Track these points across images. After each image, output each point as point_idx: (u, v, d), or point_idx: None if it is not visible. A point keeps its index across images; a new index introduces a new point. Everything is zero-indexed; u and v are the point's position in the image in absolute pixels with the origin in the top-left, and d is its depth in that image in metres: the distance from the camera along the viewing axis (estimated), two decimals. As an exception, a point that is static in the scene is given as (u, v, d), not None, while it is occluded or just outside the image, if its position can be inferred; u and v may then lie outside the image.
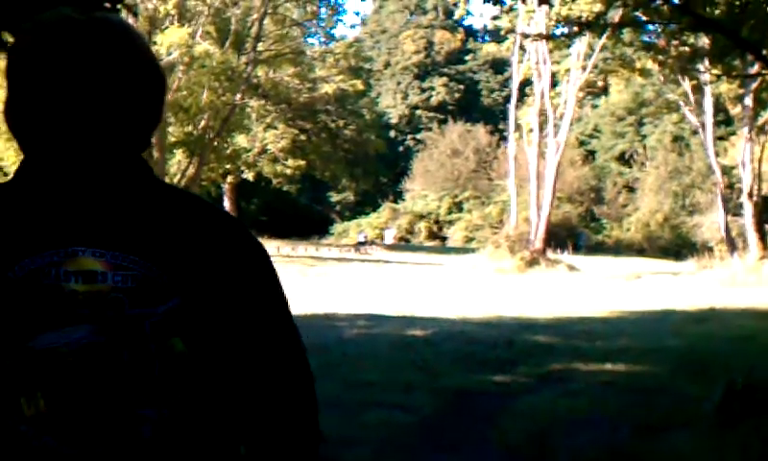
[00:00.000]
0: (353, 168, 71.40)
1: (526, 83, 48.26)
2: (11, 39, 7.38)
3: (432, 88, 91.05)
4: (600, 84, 55.01)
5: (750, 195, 41.57)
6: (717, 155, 45.77)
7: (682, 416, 10.07)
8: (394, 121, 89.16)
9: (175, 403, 1.75)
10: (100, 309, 1.70)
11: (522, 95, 50.98)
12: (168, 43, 39.56)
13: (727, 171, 49.19)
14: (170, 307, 1.74)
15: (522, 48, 46.91)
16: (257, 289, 1.87)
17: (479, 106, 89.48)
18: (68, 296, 1.69)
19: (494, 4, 21.09)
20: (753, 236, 41.04)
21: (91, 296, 1.70)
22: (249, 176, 59.79)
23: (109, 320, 1.71)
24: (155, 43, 38.22)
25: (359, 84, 62.60)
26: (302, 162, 62.66)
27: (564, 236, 53.49)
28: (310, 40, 66.19)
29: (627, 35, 37.59)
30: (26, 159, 1.88)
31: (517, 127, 49.08)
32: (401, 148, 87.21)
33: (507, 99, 60.90)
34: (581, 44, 42.26)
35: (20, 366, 1.68)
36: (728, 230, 43.67)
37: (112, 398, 1.69)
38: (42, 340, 1.68)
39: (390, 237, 68.88)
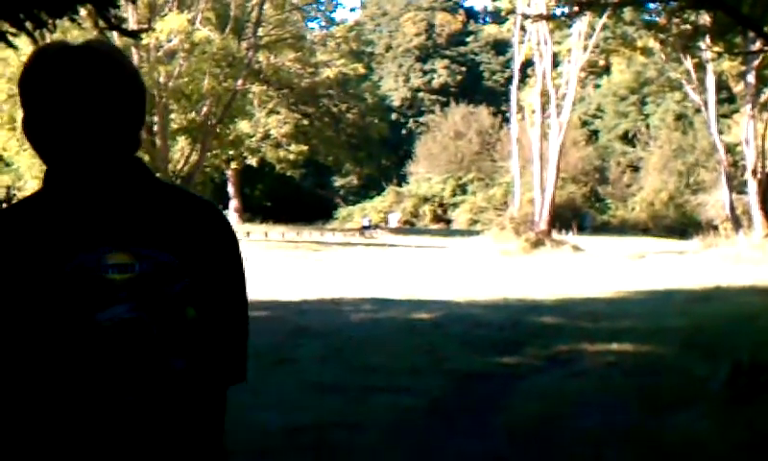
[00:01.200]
0: (356, 152, 71.37)
1: (528, 63, 48.17)
2: (11, 30, 7.36)
3: (434, 71, 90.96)
4: (602, 63, 54.96)
5: (754, 172, 41.52)
6: (721, 132, 45.71)
7: (688, 395, 10.06)
8: (396, 104, 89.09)
9: (190, 354, 2.33)
10: (133, 292, 2.24)
11: (524, 76, 50.94)
12: (168, 30, 39.52)
13: (730, 149, 49.17)
14: (183, 285, 2.30)
15: (523, 29, 46.82)
16: (227, 262, 2.43)
17: (481, 87, 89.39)
18: (109, 283, 2.23)
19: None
20: (757, 214, 41.00)
21: (125, 282, 2.24)
22: (252, 162, 59.75)
23: (141, 299, 2.25)
24: (154, 30, 38.15)
25: (360, 68, 62.54)
26: (305, 147, 62.64)
27: (568, 217, 53.47)
28: (310, 25, 66.24)
29: (628, 13, 37.55)
30: (49, 171, 2.35)
31: (520, 108, 49.02)
32: (404, 131, 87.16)
33: (509, 80, 60.82)
34: (582, 24, 42.17)
35: (85, 337, 2.23)
36: (732, 207, 43.62)
37: (149, 353, 2.26)
38: (99, 316, 2.23)
39: (394, 221, 68.88)
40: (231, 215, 57.70)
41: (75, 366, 2.23)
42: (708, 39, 37.87)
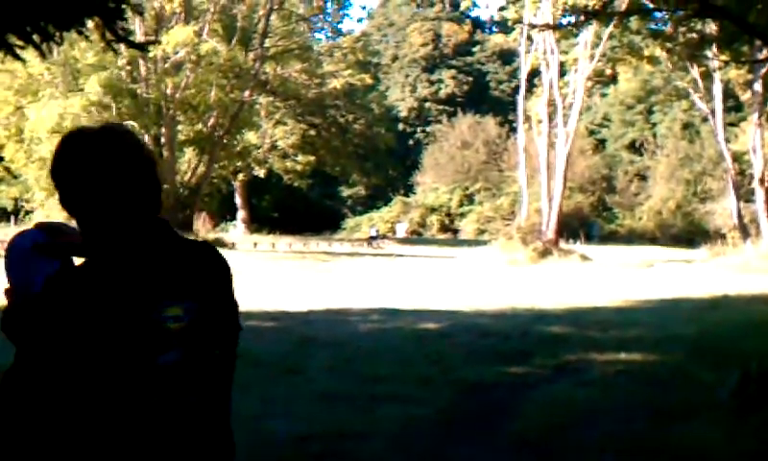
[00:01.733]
0: (364, 162, 71.39)
1: (534, 73, 48.17)
2: (18, 42, 7.38)
3: (441, 81, 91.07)
4: (608, 72, 54.85)
5: (761, 181, 41.48)
6: (728, 141, 45.71)
7: (697, 404, 10.05)
8: (403, 115, 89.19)
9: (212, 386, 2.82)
10: (182, 339, 2.69)
11: (531, 86, 50.94)
12: (174, 42, 39.61)
13: (738, 157, 49.15)
14: (207, 326, 2.76)
15: (530, 38, 46.84)
16: (224, 293, 2.90)
17: (488, 97, 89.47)
18: (167, 332, 2.66)
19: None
20: (765, 222, 40.96)
21: (178, 331, 2.68)
22: (259, 172, 59.85)
23: (188, 344, 2.70)
24: (161, 42, 38.26)
25: (367, 79, 62.60)
26: (312, 158, 62.71)
27: (576, 226, 53.49)
28: (317, 35, 66.30)
29: (634, 22, 37.58)
30: (89, 237, 2.79)
31: (527, 118, 49.05)
32: (411, 141, 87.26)
33: (516, 90, 60.86)
34: (588, 33, 42.19)
35: (149, 376, 2.65)
36: (740, 216, 43.59)
37: (191, 387, 2.71)
38: (161, 359, 2.66)
39: (402, 231, 68.92)
40: (239, 226, 57.81)
41: (140, 397, 2.64)
42: (714, 48, 37.93)
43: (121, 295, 2.66)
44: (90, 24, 8.05)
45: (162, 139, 43.02)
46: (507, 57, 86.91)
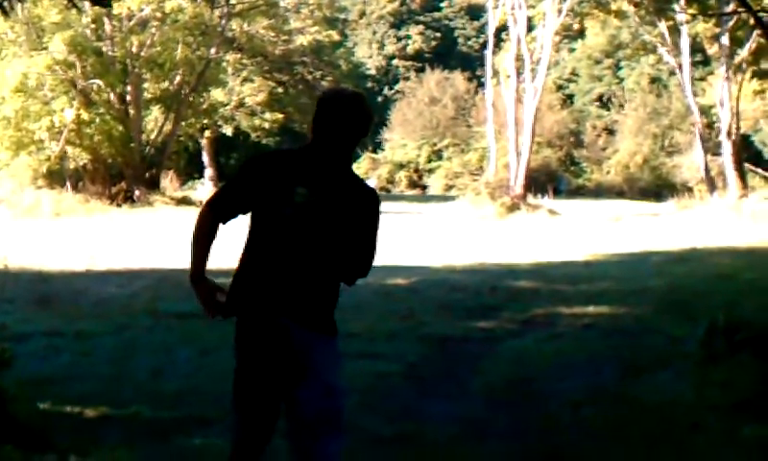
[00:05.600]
0: (332, 119, 70.93)
1: (502, 28, 48.00)
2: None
3: (408, 37, 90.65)
4: (576, 27, 54.66)
5: (728, 134, 41.59)
6: (695, 95, 45.71)
7: (665, 355, 10.13)
8: (371, 72, 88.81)
9: None
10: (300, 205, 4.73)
11: (499, 41, 50.80)
12: (139, 0, 39.20)
13: (705, 111, 49.21)
14: None
15: (498, -7, 46.64)
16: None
17: (456, 53, 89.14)
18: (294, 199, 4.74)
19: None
20: (732, 175, 41.12)
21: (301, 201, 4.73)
22: (227, 130, 59.45)
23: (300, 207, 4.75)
24: (125, -1, 37.92)
25: (335, 35, 62.25)
26: (280, 115, 62.29)
27: (544, 181, 53.51)
28: (284, -8, 65.75)
29: (602, -24, 37.49)
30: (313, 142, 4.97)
31: (495, 73, 48.92)
32: (380, 98, 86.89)
33: (484, 45, 60.67)
34: (556, -13, 42.11)
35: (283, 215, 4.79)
36: (707, 169, 43.72)
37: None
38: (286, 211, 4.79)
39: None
40: (207, 184, 57.52)
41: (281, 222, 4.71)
42: (682, 1, 38.05)
43: (287, 172, 4.78)
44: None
45: (128, 98, 42.64)
46: (475, 12, 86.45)
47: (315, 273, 4.70)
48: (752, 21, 26.76)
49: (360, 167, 74.89)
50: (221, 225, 4.85)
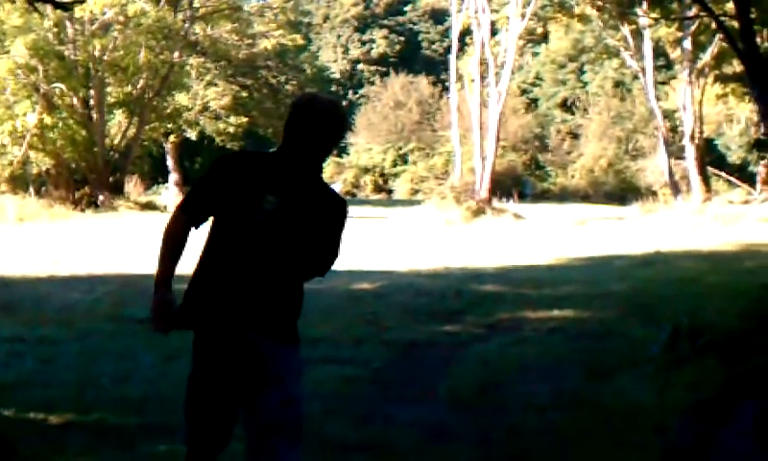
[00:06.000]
0: (296, 124, 70.76)
1: (466, 32, 48.08)
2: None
3: (372, 41, 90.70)
4: (540, 31, 54.94)
5: (692, 138, 41.87)
6: (658, 99, 46.02)
7: (629, 359, 10.15)
8: (335, 76, 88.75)
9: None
10: (270, 211, 4.67)
11: (463, 45, 50.88)
12: (102, 3, 39.00)
13: (668, 115, 49.55)
14: None
15: (461, -3, 46.73)
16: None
17: (420, 57, 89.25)
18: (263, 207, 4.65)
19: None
20: (696, 179, 41.40)
21: (271, 208, 4.70)
22: (191, 134, 59.22)
23: (271, 213, 4.66)
24: (85, 1, 37.67)
25: (299, 39, 62.11)
26: (245, 119, 62.11)
27: (509, 185, 53.68)
28: (247, -4, 65.58)
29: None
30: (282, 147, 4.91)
31: (459, 77, 48.98)
32: (344, 103, 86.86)
33: (448, 49, 60.72)
34: (519, -8, 42.23)
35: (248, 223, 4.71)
36: (671, 173, 43.98)
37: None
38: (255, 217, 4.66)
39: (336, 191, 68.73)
40: (171, 189, 57.24)
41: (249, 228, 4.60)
42: (644, 6, 38.22)
43: (257, 177, 4.65)
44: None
45: (91, 102, 42.42)
46: (438, 16, 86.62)
47: (282, 282, 4.65)
48: (714, 25, 26.97)
49: (325, 172, 74.59)
50: (193, 230, 4.72)
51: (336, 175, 73.06)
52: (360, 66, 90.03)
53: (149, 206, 40.66)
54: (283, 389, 4.59)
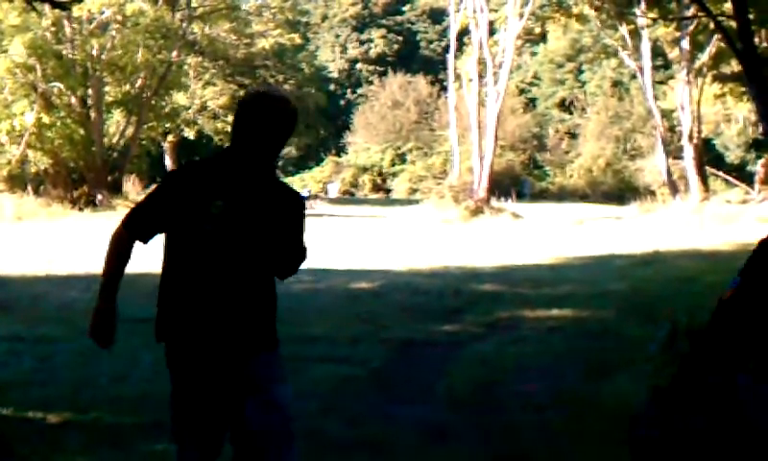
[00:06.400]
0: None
1: (464, 32, 48.07)
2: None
3: (371, 40, 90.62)
4: (538, 31, 54.90)
5: (690, 138, 41.87)
6: (656, 99, 46.01)
7: (628, 358, 10.13)
8: (333, 75, 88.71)
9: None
10: (219, 218, 4.49)
11: (461, 45, 50.86)
12: (99, 2, 39.00)
13: (666, 114, 49.51)
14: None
15: (459, -3, 46.73)
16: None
17: (418, 57, 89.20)
18: (211, 213, 4.52)
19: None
20: (694, 179, 41.39)
21: (218, 213, 4.55)
22: (189, 134, 59.27)
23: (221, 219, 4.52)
24: (84, 1, 37.67)
25: (297, 39, 62.17)
26: (243, 119, 62.25)
27: (507, 184, 53.67)
28: (246, -5, 65.61)
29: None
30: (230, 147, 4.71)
31: (457, 77, 49.00)
32: (342, 102, 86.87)
33: (446, 49, 60.72)
34: (518, -9, 42.24)
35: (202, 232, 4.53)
36: (669, 173, 43.99)
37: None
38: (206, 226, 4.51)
39: (334, 191, 68.74)
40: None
41: (200, 243, 4.45)
42: (643, 5, 38.23)
43: (203, 184, 4.47)
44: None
45: (89, 101, 42.44)
46: (437, 16, 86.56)
47: (247, 287, 4.56)
48: (712, 25, 26.96)
49: (324, 171, 74.94)
50: (142, 244, 4.67)
51: (334, 174, 73.13)
52: (358, 66, 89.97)
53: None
54: (266, 395, 4.53)
